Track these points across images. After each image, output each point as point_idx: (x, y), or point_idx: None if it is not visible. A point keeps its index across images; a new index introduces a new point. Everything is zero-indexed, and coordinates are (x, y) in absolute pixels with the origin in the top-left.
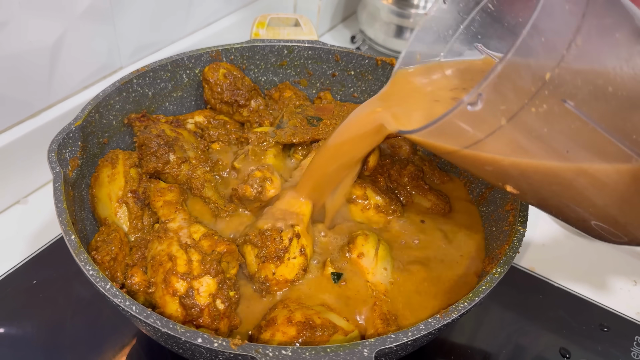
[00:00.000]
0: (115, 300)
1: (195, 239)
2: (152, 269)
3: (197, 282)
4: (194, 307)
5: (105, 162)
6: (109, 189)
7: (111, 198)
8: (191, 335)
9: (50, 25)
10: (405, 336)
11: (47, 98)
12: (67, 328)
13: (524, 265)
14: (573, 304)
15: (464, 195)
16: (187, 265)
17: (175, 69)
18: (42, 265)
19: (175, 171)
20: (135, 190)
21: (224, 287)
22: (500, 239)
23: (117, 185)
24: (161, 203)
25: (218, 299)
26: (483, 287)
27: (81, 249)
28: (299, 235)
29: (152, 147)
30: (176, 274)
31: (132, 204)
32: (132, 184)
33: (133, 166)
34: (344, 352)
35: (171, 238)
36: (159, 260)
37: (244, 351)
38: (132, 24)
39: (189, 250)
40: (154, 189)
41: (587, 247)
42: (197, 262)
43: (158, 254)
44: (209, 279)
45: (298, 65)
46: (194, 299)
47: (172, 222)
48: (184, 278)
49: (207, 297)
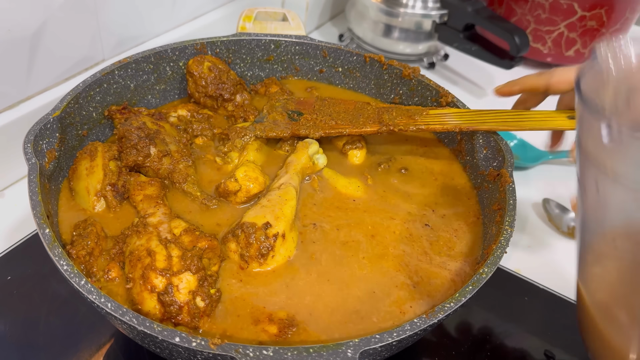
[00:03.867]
0: (90, 297)
1: (176, 234)
2: (130, 264)
3: (176, 279)
4: (172, 304)
5: (83, 155)
6: (87, 182)
7: (89, 191)
8: (168, 334)
9: (30, 15)
10: (390, 336)
11: (25, 89)
12: (42, 326)
13: (509, 267)
14: (558, 306)
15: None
16: (166, 261)
17: (159, 61)
18: (17, 261)
19: (157, 165)
20: (115, 184)
21: (205, 285)
22: (487, 239)
23: (95, 178)
24: (141, 197)
25: (198, 296)
26: (470, 287)
27: (55, 243)
28: (284, 235)
29: (133, 140)
30: (155, 269)
31: (110, 197)
32: (112, 177)
33: (112, 159)
34: (327, 353)
35: (150, 233)
36: (137, 256)
37: (223, 351)
38: (115, 16)
39: (168, 246)
40: (133, 183)
41: (573, 249)
42: (177, 257)
43: (137, 249)
44: (189, 275)
45: (285, 61)
46: (173, 296)
47: (152, 216)
48: (163, 274)
49: (187, 294)
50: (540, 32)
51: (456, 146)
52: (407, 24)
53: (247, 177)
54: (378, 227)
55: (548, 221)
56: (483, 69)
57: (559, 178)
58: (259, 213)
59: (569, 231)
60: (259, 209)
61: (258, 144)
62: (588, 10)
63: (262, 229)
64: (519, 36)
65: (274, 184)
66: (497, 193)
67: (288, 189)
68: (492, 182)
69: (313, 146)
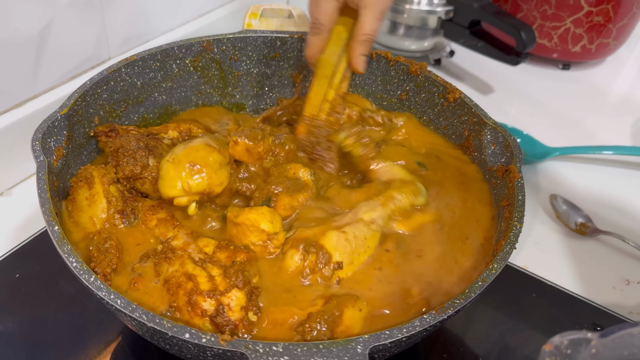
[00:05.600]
0: (99, 293)
1: (208, 252)
2: (170, 293)
3: (225, 298)
4: (227, 324)
5: (79, 183)
6: (90, 212)
7: (95, 223)
8: (178, 330)
9: (37, 13)
10: (400, 332)
11: (32, 88)
12: (50, 324)
13: (517, 264)
14: (566, 303)
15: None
16: (209, 282)
17: (165, 59)
18: (26, 259)
19: (155, 175)
20: (122, 210)
21: (253, 298)
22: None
23: (98, 207)
24: (155, 222)
25: (250, 310)
26: (479, 282)
27: (64, 239)
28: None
29: (130, 149)
30: (201, 293)
31: (120, 226)
32: (116, 203)
33: (112, 183)
34: (337, 349)
35: (181, 257)
36: (175, 282)
37: (233, 347)
38: (121, 14)
39: (206, 266)
40: (142, 208)
41: (581, 245)
42: (220, 276)
43: (172, 276)
44: (237, 292)
45: (291, 58)
46: (226, 316)
47: (175, 239)
48: (211, 296)
49: (240, 310)
50: (546, 28)
51: (463, 142)
52: (413, 21)
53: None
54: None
55: (556, 218)
56: (489, 65)
57: (567, 174)
58: (341, 247)
59: (576, 228)
60: (344, 241)
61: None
62: (594, 6)
63: (332, 267)
64: (525, 32)
65: (366, 214)
66: (506, 189)
67: (375, 235)
68: (500, 178)
69: (421, 198)
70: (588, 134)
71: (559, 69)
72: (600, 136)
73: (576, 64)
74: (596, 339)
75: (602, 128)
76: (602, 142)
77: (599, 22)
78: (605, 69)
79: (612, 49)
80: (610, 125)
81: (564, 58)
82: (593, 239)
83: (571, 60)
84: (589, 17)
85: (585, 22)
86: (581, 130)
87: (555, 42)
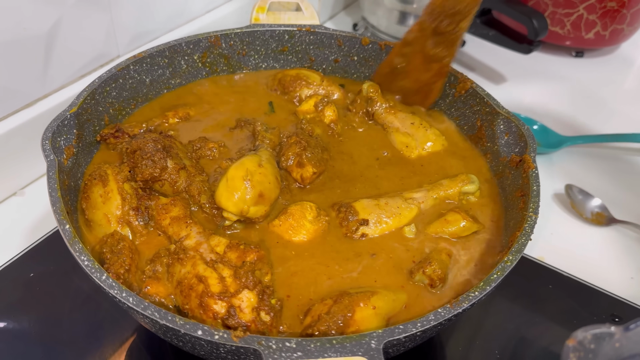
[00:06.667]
0: (111, 291)
1: (220, 252)
2: (183, 295)
3: (236, 299)
4: (239, 326)
5: (93, 181)
6: (104, 209)
7: (110, 219)
8: (191, 327)
9: (45, 12)
10: (415, 327)
11: (42, 87)
12: (65, 322)
13: (532, 255)
14: (583, 294)
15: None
16: (220, 284)
17: (173, 55)
18: (40, 258)
19: (174, 177)
20: (137, 208)
21: (265, 297)
22: (510, 226)
23: (113, 204)
24: (168, 220)
25: (262, 310)
26: (494, 275)
27: (76, 238)
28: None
29: (148, 152)
30: (212, 295)
31: (135, 223)
32: (131, 200)
33: (126, 180)
34: (350, 344)
35: (193, 257)
36: (187, 284)
37: (246, 343)
38: (129, 11)
39: (217, 267)
40: (156, 207)
41: (597, 235)
42: (230, 277)
43: (184, 278)
44: (247, 293)
45: (300, 51)
46: (238, 318)
47: (188, 239)
48: (222, 298)
49: (251, 312)
50: (558, 15)
51: (476, 132)
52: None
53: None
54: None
55: (571, 207)
56: (501, 54)
57: (582, 163)
58: (369, 208)
59: (592, 217)
60: (374, 206)
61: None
62: None
63: (357, 223)
64: (537, 20)
65: (407, 193)
66: (520, 179)
67: (412, 210)
68: (514, 168)
69: (471, 186)
70: (603, 123)
71: (572, 57)
72: (616, 124)
73: (590, 51)
74: (620, 332)
75: (617, 116)
76: (618, 130)
77: (612, 8)
78: (619, 55)
79: (627, 35)
80: (626, 113)
81: (577, 45)
82: (610, 229)
83: (584, 48)
84: (603, 3)
85: (598, 8)
86: (596, 118)
87: (568, 29)
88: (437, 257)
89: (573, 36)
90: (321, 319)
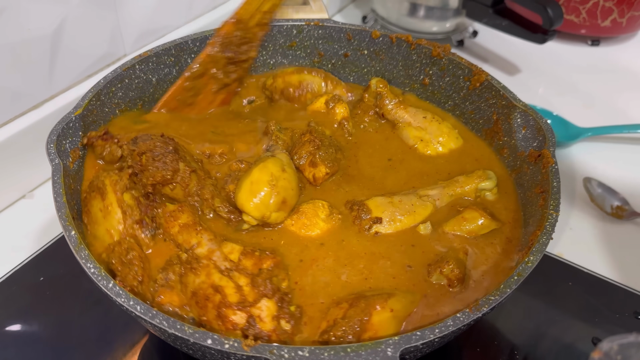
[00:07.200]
0: (118, 299)
1: (234, 259)
2: (199, 306)
3: (255, 309)
4: (260, 336)
5: (92, 194)
6: (106, 225)
7: (113, 235)
8: (200, 336)
9: (50, 12)
10: (432, 333)
11: (49, 88)
12: (75, 326)
13: (551, 251)
14: (605, 291)
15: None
16: (237, 293)
17: (180, 53)
18: (49, 262)
19: (187, 180)
20: (141, 220)
21: (284, 305)
22: (530, 224)
23: (114, 218)
24: (177, 228)
25: (282, 319)
26: (515, 277)
27: (82, 245)
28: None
29: (159, 153)
30: (229, 305)
31: (142, 236)
32: (132, 213)
33: (125, 190)
34: (366, 352)
35: (207, 266)
36: (203, 295)
37: (257, 352)
38: (135, 10)
39: (232, 275)
40: (163, 214)
41: (618, 230)
42: (248, 286)
43: (199, 288)
44: (266, 301)
45: (308, 46)
46: (258, 329)
47: (199, 246)
48: (240, 308)
49: (271, 321)
50: (573, 3)
51: (492, 126)
52: (433, 1)
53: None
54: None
55: (590, 202)
56: (515, 44)
57: (601, 156)
58: (383, 206)
59: (612, 211)
60: (387, 203)
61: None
62: None
63: (371, 221)
64: (552, 8)
65: (422, 190)
66: (539, 175)
67: (427, 207)
68: (532, 163)
69: (488, 182)
70: (621, 112)
71: (588, 46)
72: (635, 114)
73: (606, 39)
74: None
75: (636, 105)
76: (637, 120)
77: None
78: (637, 43)
79: None
80: None
81: (593, 34)
82: (630, 223)
83: (601, 36)
84: None
85: None
86: (614, 108)
87: (584, 17)
88: (454, 256)
89: (589, 24)
90: (337, 323)
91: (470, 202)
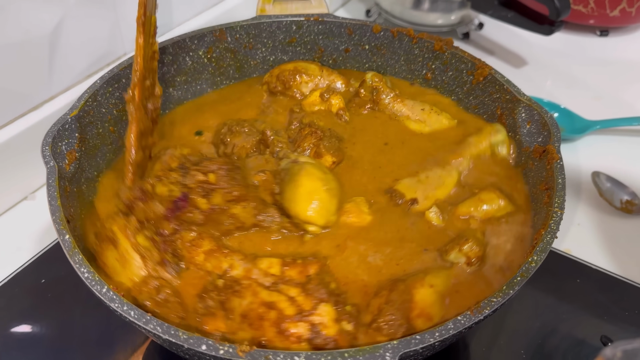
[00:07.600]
0: (112, 305)
1: (275, 273)
2: (253, 328)
3: (316, 316)
4: (328, 343)
5: (103, 245)
6: (127, 273)
7: (135, 283)
8: (194, 342)
9: (47, 12)
10: (432, 337)
11: (48, 89)
12: (77, 328)
13: (558, 248)
14: (614, 288)
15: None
16: (292, 305)
17: (177, 52)
18: (51, 263)
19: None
20: (162, 260)
21: (340, 306)
22: (535, 220)
23: (133, 265)
24: (202, 256)
25: (343, 320)
26: (518, 278)
27: (75, 249)
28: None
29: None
30: (289, 318)
31: (168, 276)
32: (152, 255)
33: (137, 232)
34: (364, 357)
35: (249, 286)
36: (256, 316)
37: (252, 358)
38: (134, 7)
39: (281, 289)
40: (182, 246)
41: (627, 225)
42: (300, 295)
43: (249, 310)
44: (325, 306)
45: (308, 42)
46: (324, 335)
47: (233, 269)
48: (300, 319)
49: (334, 324)
50: None
51: (496, 122)
52: None
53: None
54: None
55: (599, 196)
56: (521, 36)
57: (609, 149)
58: (413, 187)
59: (622, 206)
60: (416, 183)
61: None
62: None
63: (408, 204)
64: None
65: (443, 160)
66: (544, 171)
67: (453, 176)
68: (537, 159)
69: (499, 135)
70: (630, 105)
71: (596, 36)
72: None
73: (615, 29)
74: None
75: None
76: None
77: None
78: None
79: None
80: None
81: (601, 24)
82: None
83: (609, 26)
84: None
85: None
86: (623, 100)
87: (592, 7)
88: (472, 235)
89: (597, 14)
90: (382, 309)
91: (489, 183)
